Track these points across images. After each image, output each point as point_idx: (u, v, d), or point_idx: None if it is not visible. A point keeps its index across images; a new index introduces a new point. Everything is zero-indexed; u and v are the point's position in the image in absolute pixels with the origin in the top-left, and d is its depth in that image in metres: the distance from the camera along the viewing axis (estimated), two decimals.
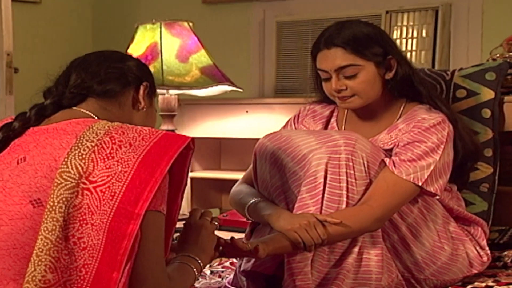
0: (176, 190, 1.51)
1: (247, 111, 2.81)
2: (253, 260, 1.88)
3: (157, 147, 1.42)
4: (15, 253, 1.38)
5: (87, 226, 1.37)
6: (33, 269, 1.34)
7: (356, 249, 1.80)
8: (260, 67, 3.44)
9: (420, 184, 1.78)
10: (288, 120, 2.13)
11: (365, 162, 1.78)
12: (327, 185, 1.78)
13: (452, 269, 1.89)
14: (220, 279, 2.14)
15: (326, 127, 2.07)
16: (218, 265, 2.18)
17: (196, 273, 1.57)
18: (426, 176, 1.79)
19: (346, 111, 2.00)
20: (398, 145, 1.85)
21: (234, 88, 2.59)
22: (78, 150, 1.40)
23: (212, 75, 2.48)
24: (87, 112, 1.55)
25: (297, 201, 1.80)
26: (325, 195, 1.78)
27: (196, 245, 1.65)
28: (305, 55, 3.18)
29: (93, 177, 1.37)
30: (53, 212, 1.37)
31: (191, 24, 2.58)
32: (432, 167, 1.80)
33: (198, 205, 3.11)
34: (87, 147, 1.41)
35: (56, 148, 1.42)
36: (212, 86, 2.50)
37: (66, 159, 1.39)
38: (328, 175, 1.77)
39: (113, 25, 4.13)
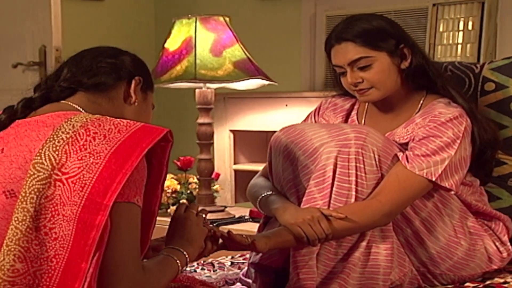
0: (155, 182, 1.52)
1: (286, 105, 2.84)
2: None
3: (131, 139, 1.41)
4: None
5: (59, 217, 1.37)
6: (2, 258, 1.36)
7: (364, 243, 1.79)
8: (311, 61, 3.46)
9: (433, 179, 1.76)
10: (309, 113, 2.14)
11: (376, 156, 1.78)
12: (336, 179, 1.78)
13: (470, 264, 1.87)
14: (238, 271, 2.16)
15: (346, 120, 2.07)
16: (240, 256, 2.21)
17: (180, 265, 1.57)
18: (440, 171, 1.78)
19: (366, 104, 2.00)
20: (413, 139, 1.84)
21: (270, 82, 2.61)
22: (53, 141, 1.41)
23: (245, 69, 2.52)
24: (75, 105, 1.56)
25: (305, 194, 1.81)
26: (334, 189, 1.78)
27: (182, 238, 1.65)
28: None
29: (65, 168, 1.37)
30: (24, 202, 1.38)
31: (227, 19, 2.63)
32: (446, 162, 1.78)
33: (242, 198, 3.16)
34: (62, 139, 1.41)
35: (33, 139, 1.43)
36: (244, 80, 2.53)
37: (40, 151, 1.40)
38: (338, 169, 1.77)
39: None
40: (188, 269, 2.26)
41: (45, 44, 3.22)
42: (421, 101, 1.92)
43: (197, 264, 2.32)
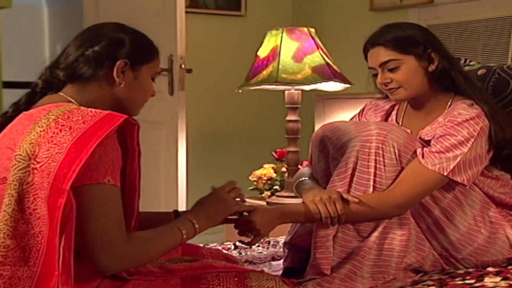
0: (131, 160, 1.61)
1: None
2: (292, 233, 2.04)
3: (92, 128, 1.48)
4: None
5: (39, 199, 1.48)
6: None
7: (380, 229, 1.87)
8: None
9: (445, 174, 1.83)
10: (356, 113, 2.27)
11: (396, 151, 1.85)
12: (356, 171, 1.87)
13: (490, 250, 1.93)
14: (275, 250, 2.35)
15: (386, 120, 2.17)
16: None
17: (184, 235, 1.62)
18: (452, 167, 1.83)
19: (405, 105, 2.10)
20: (434, 137, 1.91)
21: (346, 85, 2.85)
22: (30, 135, 1.51)
23: (322, 73, 2.74)
24: (67, 96, 1.62)
25: (329, 182, 1.93)
26: (354, 179, 1.87)
27: (204, 210, 1.72)
28: None
29: (38, 158, 1.47)
30: (9, 189, 1.49)
31: (312, 30, 2.87)
32: (459, 159, 1.84)
33: None
34: (37, 132, 1.50)
35: (18, 133, 1.53)
36: (319, 83, 2.76)
37: (20, 144, 1.50)
38: (359, 161, 1.86)
39: None
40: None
41: (172, 54, 3.45)
42: (449, 102, 1.99)
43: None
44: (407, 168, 1.86)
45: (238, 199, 1.74)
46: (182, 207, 3.38)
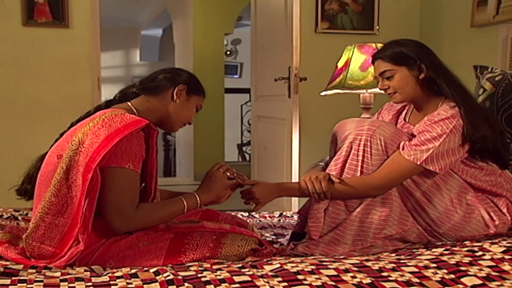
0: (150, 155, 1.85)
1: None
2: (302, 206, 2.28)
3: (122, 127, 1.71)
4: (46, 184, 1.80)
5: (79, 173, 1.72)
6: (47, 194, 1.77)
7: (363, 205, 2.05)
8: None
9: (418, 163, 2.00)
10: (377, 112, 2.48)
11: (383, 143, 2.03)
12: (349, 158, 2.06)
13: (466, 228, 2.09)
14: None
15: (397, 118, 2.35)
16: None
17: (186, 205, 1.88)
18: (424, 158, 1.99)
19: (412, 107, 2.27)
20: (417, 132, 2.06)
21: None
22: (84, 127, 1.77)
23: None
24: (131, 105, 1.93)
25: (327, 167, 2.13)
26: (346, 165, 2.06)
27: (204, 186, 1.97)
28: None
29: (85, 144, 1.72)
30: (62, 163, 1.75)
31: (379, 45, 3.13)
32: (431, 151, 1.99)
33: None
34: (89, 126, 1.76)
35: (80, 126, 1.81)
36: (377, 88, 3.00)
37: (77, 132, 1.76)
38: (352, 151, 2.06)
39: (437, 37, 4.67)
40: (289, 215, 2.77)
41: (290, 66, 4.05)
42: (439, 104, 2.14)
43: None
44: (389, 157, 2.04)
45: (227, 173, 1.99)
46: (295, 179, 3.99)
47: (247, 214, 2.88)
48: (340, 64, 3.33)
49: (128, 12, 9.98)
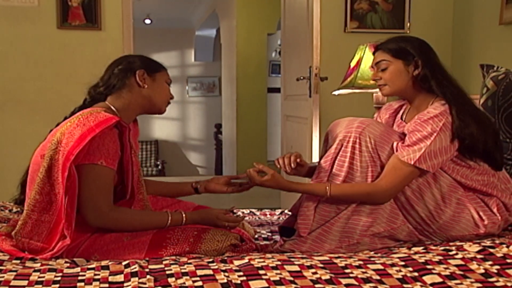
0: (125, 152, 1.90)
1: None
2: (293, 204, 2.31)
3: (95, 126, 1.75)
4: (33, 183, 1.85)
5: (59, 171, 1.76)
6: (32, 192, 1.82)
7: (354, 205, 2.07)
8: None
9: (411, 163, 2.00)
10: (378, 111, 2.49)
11: (372, 141, 2.05)
12: (338, 155, 2.09)
13: (456, 227, 2.08)
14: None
15: (395, 117, 2.35)
16: None
17: (170, 219, 1.90)
18: (417, 157, 2.00)
19: (408, 106, 2.27)
20: (408, 131, 2.08)
21: None
22: (63, 128, 1.81)
23: None
24: (108, 103, 1.95)
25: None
26: (336, 160, 2.10)
27: (199, 212, 2.00)
28: None
29: (62, 143, 1.76)
30: (44, 162, 1.79)
31: None
32: (422, 150, 1.99)
33: None
34: (67, 126, 1.79)
35: (59, 127, 1.85)
36: None
37: (57, 132, 1.80)
38: (342, 147, 2.09)
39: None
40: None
41: (310, 65, 4.04)
42: (431, 102, 2.14)
43: None
44: (389, 162, 2.04)
45: (229, 227, 2.01)
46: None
47: (248, 211, 2.94)
48: (353, 64, 3.35)
49: (182, 13, 10.10)
